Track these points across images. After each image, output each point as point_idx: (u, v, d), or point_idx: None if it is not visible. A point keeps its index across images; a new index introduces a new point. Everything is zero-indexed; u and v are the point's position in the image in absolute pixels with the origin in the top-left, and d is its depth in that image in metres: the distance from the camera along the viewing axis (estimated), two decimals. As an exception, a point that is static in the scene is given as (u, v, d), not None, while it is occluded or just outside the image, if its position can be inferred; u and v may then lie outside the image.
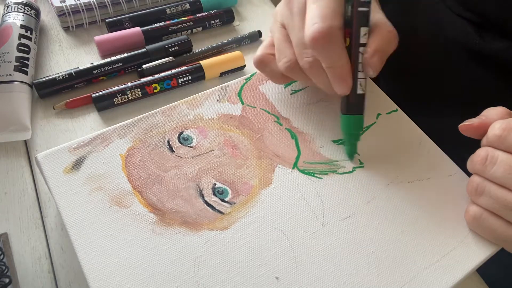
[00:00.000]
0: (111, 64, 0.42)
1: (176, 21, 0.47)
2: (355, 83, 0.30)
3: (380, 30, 0.30)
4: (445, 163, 0.34)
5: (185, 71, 0.43)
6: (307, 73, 0.31)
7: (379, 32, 0.30)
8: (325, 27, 0.27)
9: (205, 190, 0.30)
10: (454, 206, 0.31)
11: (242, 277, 0.26)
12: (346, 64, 0.29)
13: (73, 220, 0.27)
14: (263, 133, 0.34)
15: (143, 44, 0.45)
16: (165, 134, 0.32)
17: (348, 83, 0.30)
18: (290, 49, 0.31)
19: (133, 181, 0.29)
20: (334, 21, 0.28)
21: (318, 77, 0.31)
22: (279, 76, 0.33)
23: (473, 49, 0.39)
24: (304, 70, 0.31)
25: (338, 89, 0.30)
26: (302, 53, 0.30)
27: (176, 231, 0.28)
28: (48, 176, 0.29)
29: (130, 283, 0.25)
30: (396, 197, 0.31)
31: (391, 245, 0.29)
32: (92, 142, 0.31)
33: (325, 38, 0.28)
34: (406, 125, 0.36)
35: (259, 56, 0.34)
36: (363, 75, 0.30)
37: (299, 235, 0.28)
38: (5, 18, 0.43)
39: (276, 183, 0.31)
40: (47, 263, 0.31)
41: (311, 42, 0.28)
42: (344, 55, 0.29)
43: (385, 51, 0.30)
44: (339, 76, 0.30)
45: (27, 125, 0.37)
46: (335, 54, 0.29)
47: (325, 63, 0.29)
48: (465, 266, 0.28)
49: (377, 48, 0.30)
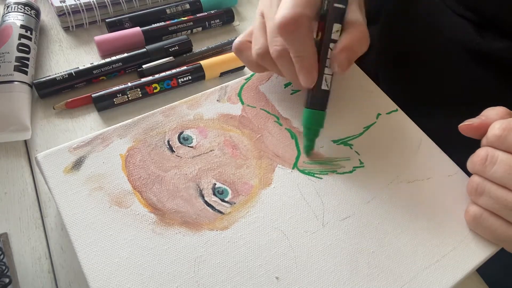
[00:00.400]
0: (111, 64, 0.42)
1: (176, 21, 0.47)
2: (320, 78, 0.31)
3: (353, 29, 0.30)
4: (445, 163, 0.34)
5: (185, 71, 0.43)
6: (276, 61, 0.31)
7: (352, 31, 0.30)
8: (293, 14, 0.28)
9: (205, 190, 0.30)
10: (454, 206, 0.31)
11: (242, 277, 0.26)
12: (312, 56, 0.30)
13: (73, 220, 0.27)
14: (263, 133, 0.34)
15: (143, 44, 0.45)
16: (165, 134, 0.32)
17: (313, 75, 0.30)
18: (264, 37, 0.32)
19: (133, 181, 0.29)
20: (304, 10, 0.28)
21: (285, 67, 0.31)
22: (254, 64, 0.34)
23: (473, 49, 0.39)
24: (274, 58, 0.31)
25: (303, 81, 0.31)
26: (272, 41, 0.30)
27: (176, 231, 0.28)
28: (48, 176, 0.29)
29: (130, 283, 0.25)
30: (396, 197, 0.31)
31: (391, 245, 0.29)
32: (92, 142, 0.31)
33: (292, 24, 0.28)
34: (406, 125, 0.36)
35: (237, 43, 0.34)
36: (330, 71, 0.31)
37: (299, 235, 0.28)
38: (5, 18, 0.43)
39: (276, 183, 0.31)
40: (47, 263, 0.31)
41: (278, 28, 0.28)
42: (311, 45, 0.30)
43: (354, 50, 0.30)
44: (304, 67, 0.30)
45: (27, 125, 0.37)
46: (301, 42, 0.29)
47: (291, 51, 0.29)
48: (465, 266, 0.28)
49: (347, 46, 0.30)
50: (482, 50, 0.39)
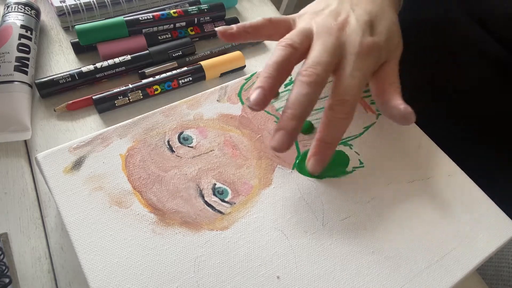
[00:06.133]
0: (114, 68, 0.42)
1: (182, 34, 0.48)
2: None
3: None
4: (445, 163, 0.34)
5: (185, 72, 0.43)
6: (300, 82, 0.29)
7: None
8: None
9: (205, 190, 0.30)
10: (454, 206, 0.31)
11: (242, 277, 0.26)
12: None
13: (73, 220, 0.27)
14: (263, 133, 0.34)
15: (145, 46, 0.45)
16: (165, 134, 0.32)
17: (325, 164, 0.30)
18: (305, 41, 0.31)
19: (133, 181, 0.29)
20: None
21: (304, 97, 0.28)
22: (261, 28, 0.33)
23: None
24: (303, 75, 0.29)
25: (312, 165, 0.30)
26: (320, 60, 0.29)
27: (176, 231, 0.28)
28: (48, 176, 0.29)
29: (130, 283, 0.25)
30: (396, 197, 0.31)
31: (391, 245, 0.29)
32: (92, 142, 0.31)
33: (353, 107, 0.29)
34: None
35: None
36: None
37: (299, 235, 0.28)
38: (5, 18, 0.43)
39: (276, 184, 0.31)
40: (47, 263, 0.31)
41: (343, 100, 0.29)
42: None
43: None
44: (327, 154, 0.30)
45: (27, 125, 0.37)
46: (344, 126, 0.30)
47: (329, 130, 0.29)
48: (465, 266, 0.28)
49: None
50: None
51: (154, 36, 0.46)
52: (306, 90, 0.28)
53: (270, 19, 0.33)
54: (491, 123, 0.43)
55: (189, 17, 0.47)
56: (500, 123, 0.42)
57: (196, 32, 0.48)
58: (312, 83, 0.28)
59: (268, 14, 0.54)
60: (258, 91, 0.28)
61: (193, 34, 0.48)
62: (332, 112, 0.29)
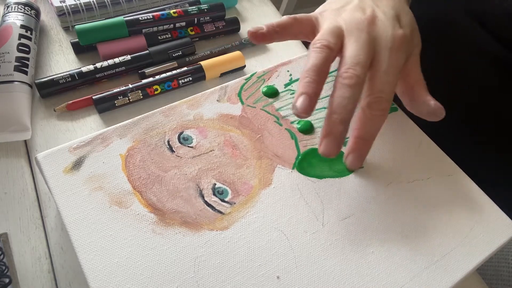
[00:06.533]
0: (114, 68, 0.42)
1: (182, 34, 0.47)
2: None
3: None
4: (445, 163, 0.34)
5: (185, 72, 0.43)
6: (339, 84, 0.29)
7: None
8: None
9: (205, 190, 0.30)
10: (454, 206, 0.31)
11: (242, 277, 0.26)
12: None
13: (73, 220, 0.27)
14: (263, 133, 0.34)
15: (145, 46, 0.45)
16: (165, 134, 0.32)
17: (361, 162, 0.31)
18: (338, 41, 0.30)
19: (133, 181, 0.29)
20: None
21: (345, 96, 0.28)
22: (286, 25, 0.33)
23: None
24: (342, 77, 0.28)
25: (351, 162, 0.31)
26: (358, 59, 0.29)
27: (176, 231, 0.28)
28: (48, 176, 0.29)
29: (130, 283, 0.25)
30: (396, 197, 0.31)
31: (391, 245, 0.29)
32: (92, 142, 0.31)
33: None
34: (406, 125, 0.36)
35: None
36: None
37: (299, 235, 0.28)
38: (5, 18, 0.43)
39: (276, 184, 0.31)
40: (47, 263, 0.31)
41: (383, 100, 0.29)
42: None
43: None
44: (364, 151, 0.30)
45: (27, 125, 0.37)
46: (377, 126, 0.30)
47: (367, 127, 0.30)
48: (465, 266, 0.28)
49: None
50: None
51: (154, 36, 0.46)
52: (349, 92, 0.28)
53: (295, 17, 0.33)
54: (491, 122, 0.43)
55: (189, 17, 0.47)
56: (499, 122, 0.42)
57: (196, 32, 0.48)
58: (354, 85, 0.28)
59: (268, 14, 0.54)
60: (303, 97, 0.27)
61: (193, 34, 0.48)
62: (370, 110, 0.29)
